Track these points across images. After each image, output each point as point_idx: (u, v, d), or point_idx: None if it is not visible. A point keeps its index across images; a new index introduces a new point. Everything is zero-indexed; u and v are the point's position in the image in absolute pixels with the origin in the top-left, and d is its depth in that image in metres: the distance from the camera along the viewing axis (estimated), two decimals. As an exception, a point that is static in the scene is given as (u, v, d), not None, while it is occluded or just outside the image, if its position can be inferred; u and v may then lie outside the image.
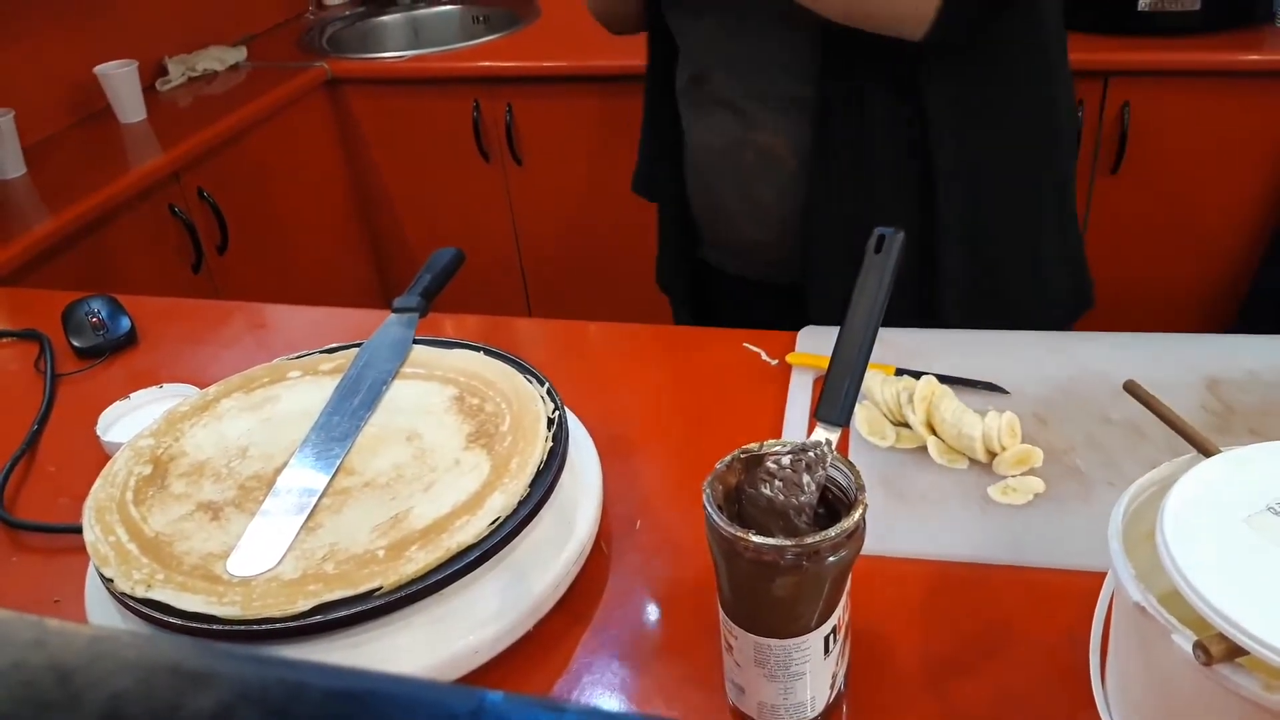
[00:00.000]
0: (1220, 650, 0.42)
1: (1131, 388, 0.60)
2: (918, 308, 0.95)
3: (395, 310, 0.84)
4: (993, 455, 0.72)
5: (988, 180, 0.95)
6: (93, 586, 0.66)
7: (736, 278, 1.11)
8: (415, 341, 0.81)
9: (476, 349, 0.79)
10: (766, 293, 1.07)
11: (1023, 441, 0.73)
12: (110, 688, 0.17)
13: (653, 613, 0.65)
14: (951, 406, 0.74)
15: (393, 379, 0.76)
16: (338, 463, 0.68)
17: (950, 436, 0.73)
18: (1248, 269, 1.92)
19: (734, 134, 1.00)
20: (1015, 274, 1.00)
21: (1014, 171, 0.97)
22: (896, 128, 0.92)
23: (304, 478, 0.67)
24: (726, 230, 1.08)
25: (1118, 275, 1.99)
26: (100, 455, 0.82)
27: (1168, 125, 1.81)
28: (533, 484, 0.65)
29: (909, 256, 0.95)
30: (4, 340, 1.05)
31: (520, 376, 0.75)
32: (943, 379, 0.78)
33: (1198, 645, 0.43)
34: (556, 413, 0.71)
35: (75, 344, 1.00)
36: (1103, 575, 0.56)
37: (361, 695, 0.17)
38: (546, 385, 0.74)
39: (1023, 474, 0.71)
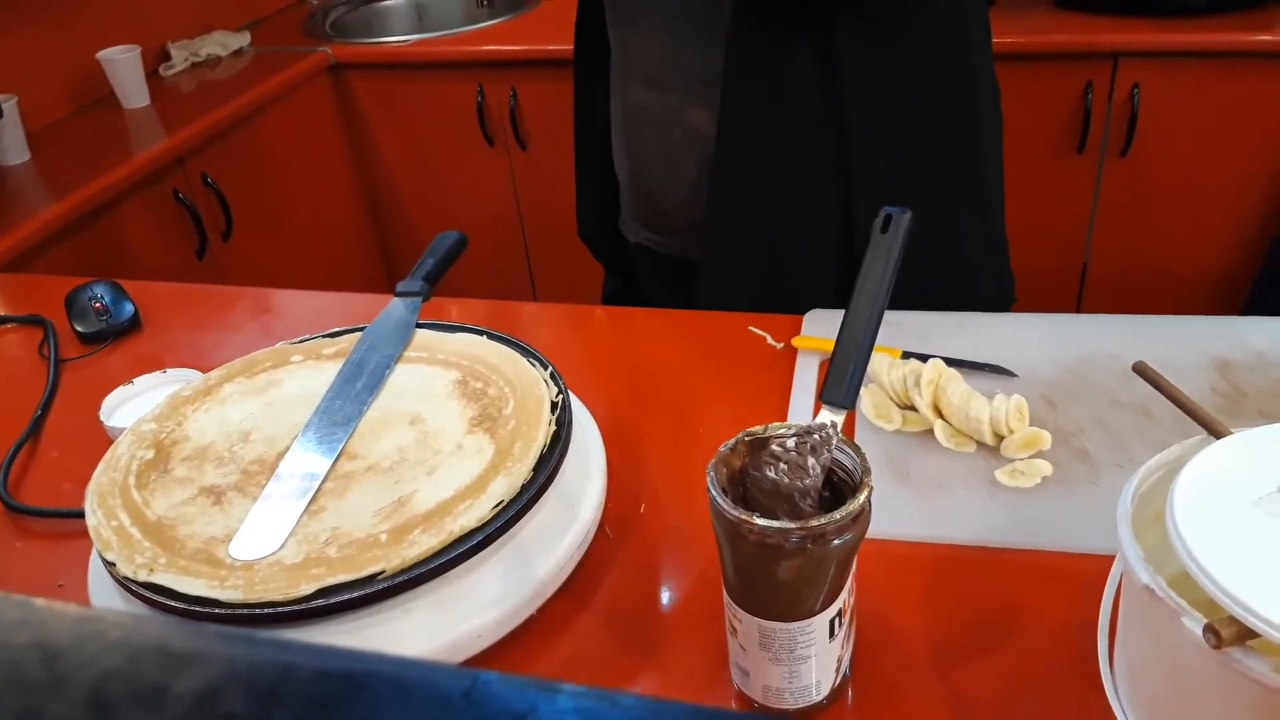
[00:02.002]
0: (1231, 633, 0.42)
1: (1141, 369, 0.59)
2: (838, 292, 0.94)
3: (398, 294, 0.84)
4: (1000, 438, 0.72)
5: (904, 159, 0.94)
6: (96, 571, 0.66)
7: (660, 255, 1.11)
8: (418, 325, 0.80)
9: (480, 333, 0.79)
10: (691, 271, 1.05)
11: (1031, 424, 0.72)
12: (97, 668, 0.16)
13: (657, 596, 0.65)
14: (959, 389, 0.73)
15: (395, 363, 0.76)
16: (340, 447, 0.68)
17: (957, 420, 0.73)
18: (1258, 251, 1.91)
19: (661, 112, 0.99)
20: (934, 257, 0.97)
21: (927, 148, 0.96)
22: (810, 101, 0.91)
23: (306, 462, 0.66)
24: (657, 211, 1.07)
25: (1127, 257, 1.98)
26: (103, 440, 0.81)
27: (1178, 107, 1.80)
28: (536, 468, 0.64)
29: (828, 240, 0.95)
30: (8, 326, 1.05)
31: (524, 360, 0.74)
32: (950, 362, 0.78)
33: (1208, 628, 0.42)
34: (560, 396, 0.70)
35: (79, 329, 1.00)
36: (1111, 558, 0.55)
37: (353, 675, 0.16)
38: (550, 369, 0.73)
39: (1030, 457, 0.71)
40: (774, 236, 0.96)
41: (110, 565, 0.60)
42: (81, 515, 0.65)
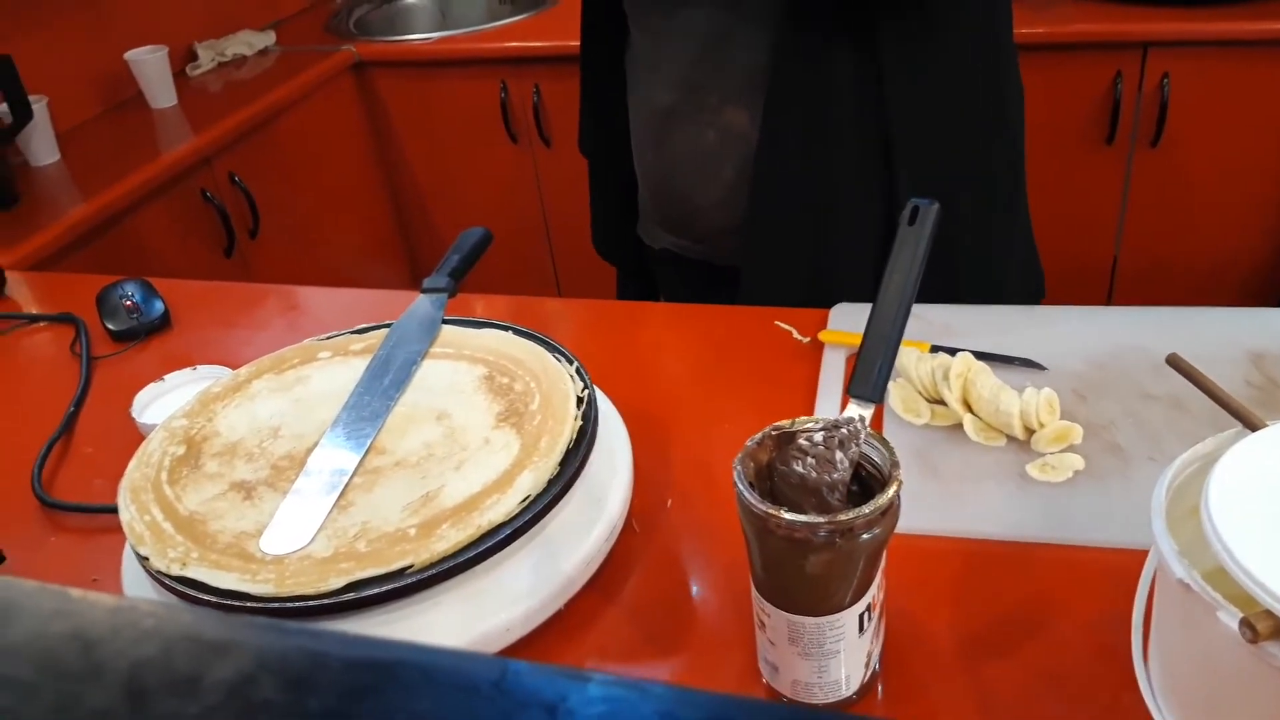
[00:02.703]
0: (1267, 627, 0.41)
1: (1175, 361, 0.58)
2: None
3: (424, 291, 0.84)
4: (1031, 432, 0.71)
5: (942, 156, 0.94)
6: (129, 565, 0.67)
7: (687, 260, 1.09)
8: (444, 321, 0.81)
9: (505, 328, 0.79)
10: (719, 276, 1.04)
11: (1061, 418, 0.71)
12: (132, 657, 0.17)
13: (685, 591, 0.65)
14: (988, 383, 0.73)
15: (422, 359, 0.76)
16: (369, 442, 0.68)
17: (987, 413, 0.72)
18: (1292, 243, 1.88)
19: (695, 114, 0.98)
20: (965, 253, 0.97)
21: (965, 146, 0.95)
22: (854, 99, 0.90)
23: (335, 458, 0.67)
24: (686, 215, 1.05)
25: (1158, 249, 1.96)
26: (135, 436, 0.82)
27: (1209, 97, 1.77)
28: (563, 462, 0.64)
29: (869, 239, 0.94)
30: (40, 324, 1.06)
31: (549, 356, 0.75)
32: (979, 355, 0.77)
33: (1244, 622, 0.42)
34: (586, 391, 0.70)
35: (110, 327, 1.01)
36: (1145, 553, 0.54)
37: (384, 664, 0.16)
38: (575, 364, 0.73)
39: (1062, 451, 0.70)
40: (816, 237, 0.96)
41: (143, 560, 0.61)
42: (115, 511, 0.65)
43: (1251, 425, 0.52)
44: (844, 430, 0.52)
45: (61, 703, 0.16)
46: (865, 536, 0.48)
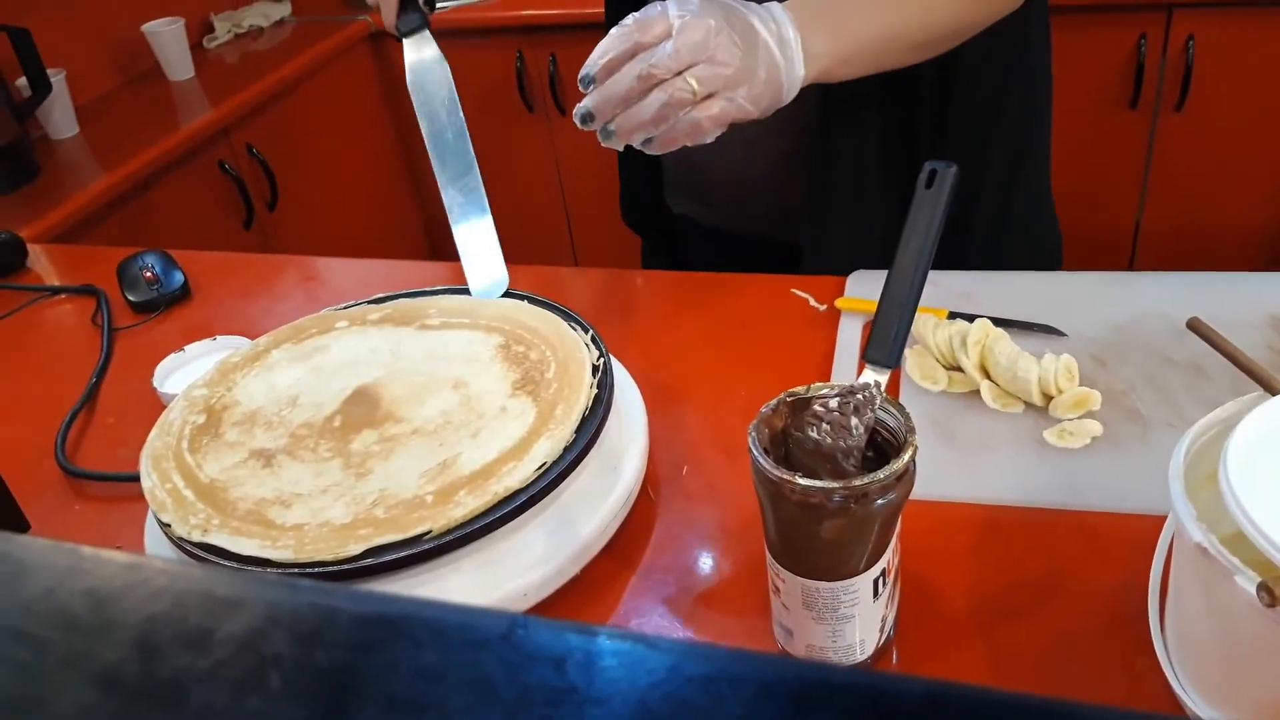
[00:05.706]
0: (1286, 592, 0.41)
1: (1196, 325, 0.58)
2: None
3: (403, 35, 0.87)
4: (1049, 398, 0.71)
5: (971, 120, 0.92)
6: (151, 532, 0.68)
7: (711, 229, 1.08)
8: (458, 292, 0.81)
9: (522, 297, 0.79)
10: (747, 245, 1.04)
11: (1081, 384, 0.71)
12: (143, 613, 0.17)
13: (700, 557, 0.65)
14: (1006, 350, 0.72)
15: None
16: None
17: (1005, 380, 0.72)
18: (1319, 208, 1.85)
19: None
20: (985, 218, 0.97)
21: (993, 109, 0.94)
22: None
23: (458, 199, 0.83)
24: (700, 187, 1.04)
25: (1182, 215, 1.93)
26: (157, 406, 0.83)
27: (1234, 59, 1.74)
28: (578, 430, 0.65)
29: (897, 200, 0.93)
30: (62, 296, 1.07)
31: (565, 324, 0.75)
32: (997, 322, 0.76)
33: (1262, 587, 0.41)
34: (601, 360, 0.70)
35: (130, 299, 1.02)
36: (1162, 519, 0.54)
37: (393, 619, 0.16)
38: (591, 332, 0.73)
39: (1080, 417, 0.69)
40: (863, 205, 0.95)
41: (165, 526, 0.61)
42: (137, 479, 0.66)
43: (1272, 389, 0.51)
44: (859, 396, 0.52)
45: (73, 657, 0.16)
46: (880, 502, 0.48)
